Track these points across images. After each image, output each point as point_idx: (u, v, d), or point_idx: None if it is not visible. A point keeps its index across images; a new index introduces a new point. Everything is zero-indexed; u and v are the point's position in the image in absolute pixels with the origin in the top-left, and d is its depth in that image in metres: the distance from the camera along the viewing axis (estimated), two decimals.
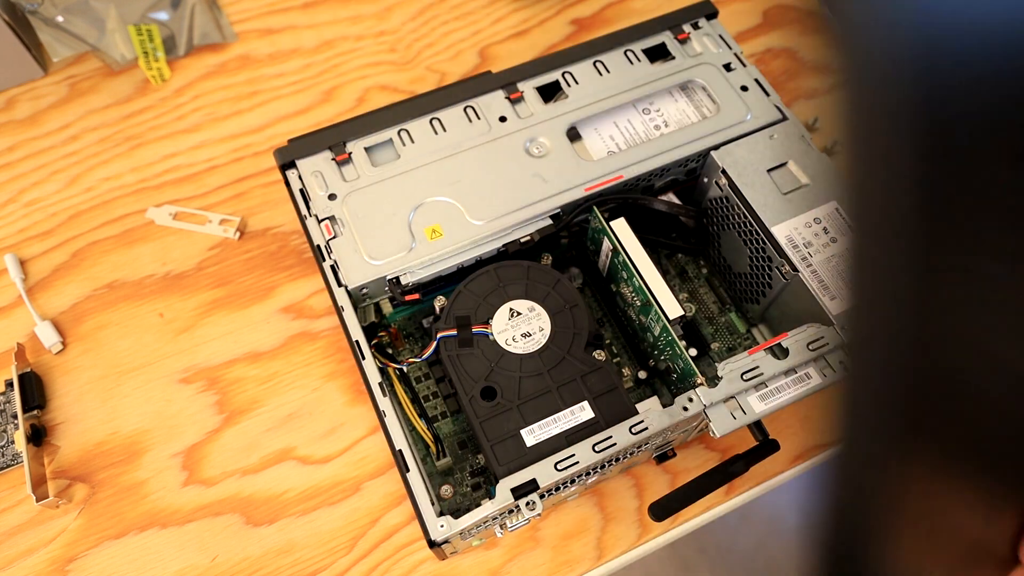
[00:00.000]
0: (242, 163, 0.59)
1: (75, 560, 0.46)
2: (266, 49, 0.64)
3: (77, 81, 0.62)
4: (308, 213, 0.47)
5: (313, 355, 0.52)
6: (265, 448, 0.49)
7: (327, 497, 0.47)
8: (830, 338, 0.42)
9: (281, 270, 0.55)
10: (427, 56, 0.64)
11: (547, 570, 0.46)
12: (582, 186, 0.47)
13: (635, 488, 0.48)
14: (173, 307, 0.53)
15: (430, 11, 0.66)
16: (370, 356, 0.43)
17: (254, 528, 0.47)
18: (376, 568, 0.46)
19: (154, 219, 0.56)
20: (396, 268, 0.45)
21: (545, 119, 0.50)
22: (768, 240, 0.45)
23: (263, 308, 0.53)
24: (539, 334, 0.43)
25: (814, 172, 0.47)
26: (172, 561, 0.46)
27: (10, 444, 0.48)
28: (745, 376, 0.42)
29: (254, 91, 0.62)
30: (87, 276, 0.54)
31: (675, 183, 0.51)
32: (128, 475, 0.48)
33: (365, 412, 0.50)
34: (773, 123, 0.49)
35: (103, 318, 0.53)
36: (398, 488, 0.48)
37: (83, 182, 0.58)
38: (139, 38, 0.62)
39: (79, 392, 0.51)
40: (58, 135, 0.60)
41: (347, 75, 0.63)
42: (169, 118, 0.61)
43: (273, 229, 0.56)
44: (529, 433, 0.41)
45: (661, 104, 0.51)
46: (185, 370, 0.51)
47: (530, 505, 0.39)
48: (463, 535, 0.40)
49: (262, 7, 0.66)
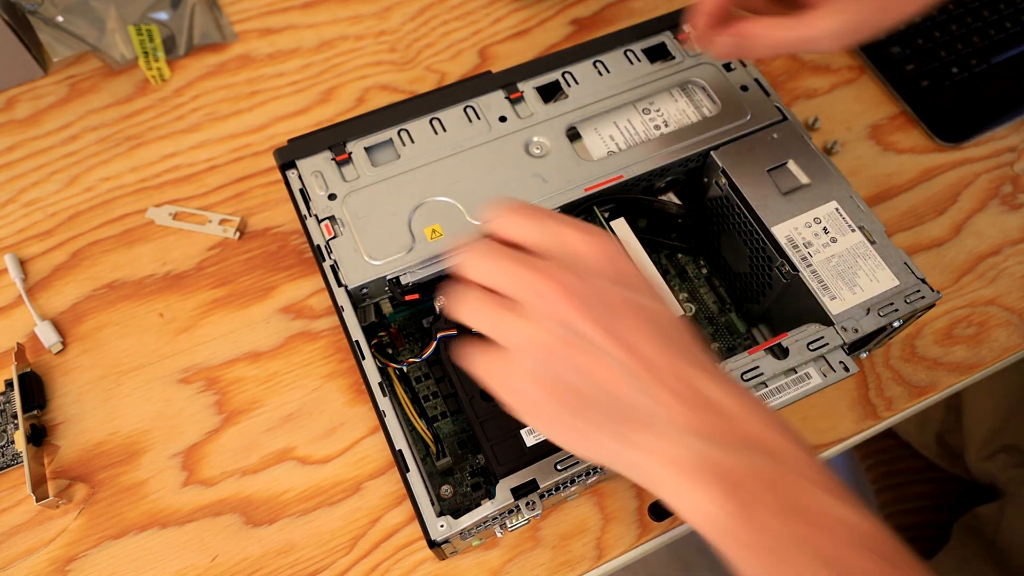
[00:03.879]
0: (242, 163, 0.59)
1: (75, 560, 0.46)
2: (266, 49, 0.64)
3: (77, 81, 0.62)
4: (308, 213, 0.47)
5: (313, 355, 0.52)
6: (265, 448, 0.49)
7: (327, 497, 0.47)
8: (830, 338, 0.42)
9: (281, 270, 0.55)
10: (427, 56, 0.64)
11: (547, 570, 0.46)
12: (582, 186, 0.47)
13: (635, 488, 0.48)
14: (173, 307, 0.53)
15: (430, 11, 0.66)
16: (370, 356, 0.43)
17: (254, 528, 0.47)
18: (376, 568, 0.46)
19: (154, 219, 0.56)
20: (396, 268, 0.45)
21: (545, 119, 0.50)
22: (768, 240, 0.45)
23: (263, 308, 0.53)
24: None
25: (814, 172, 0.47)
26: (172, 561, 0.46)
27: (10, 444, 0.48)
28: (745, 376, 0.42)
29: (254, 91, 0.62)
30: (87, 276, 0.54)
31: (675, 183, 0.51)
32: (128, 475, 0.48)
33: (365, 412, 0.50)
34: (773, 123, 0.49)
35: (103, 318, 0.53)
36: (398, 488, 0.48)
37: (83, 182, 0.58)
38: (139, 38, 0.62)
39: (79, 392, 0.51)
40: (58, 135, 0.60)
41: (347, 75, 0.63)
42: (169, 118, 0.61)
43: (273, 229, 0.56)
44: (529, 433, 0.41)
45: (661, 104, 0.51)
46: (185, 370, 0.51)
47: (530, 505, 0.39)
48: (463, 535, 0.40)
49: (262, 7, 0.66)
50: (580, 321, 0.32)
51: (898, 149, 0.60)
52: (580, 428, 0.32)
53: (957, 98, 0.61)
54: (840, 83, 0.63)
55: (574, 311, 0.32)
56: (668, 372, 0.32)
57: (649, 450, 0.31)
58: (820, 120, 0.60)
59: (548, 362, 0.32)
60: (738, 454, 0.30)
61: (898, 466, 0.85)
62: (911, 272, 0.44)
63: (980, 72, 0.61)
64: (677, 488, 0.30)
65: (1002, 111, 0.61)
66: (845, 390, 0.51)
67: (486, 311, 0.34)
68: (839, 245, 0.45)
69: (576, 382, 0.32)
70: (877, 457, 0.87)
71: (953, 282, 0.55)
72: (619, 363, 0.32)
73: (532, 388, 0.32)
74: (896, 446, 0.86)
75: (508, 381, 0.33)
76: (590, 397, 0.32)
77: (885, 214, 0.57)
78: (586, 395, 0.32)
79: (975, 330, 0.53)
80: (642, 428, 0.31)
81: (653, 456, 0.31)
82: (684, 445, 0.30)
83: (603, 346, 0.32)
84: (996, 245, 0.56)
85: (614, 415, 0.31)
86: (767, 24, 0.40)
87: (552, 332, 0.32)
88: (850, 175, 0.58)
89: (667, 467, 0.30)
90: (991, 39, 0.62)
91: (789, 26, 0.39)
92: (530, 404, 0.33)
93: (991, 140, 0.60)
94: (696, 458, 0.30)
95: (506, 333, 0.33)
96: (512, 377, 0.33)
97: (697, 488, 0.30)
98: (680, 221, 0.51)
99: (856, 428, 0.50)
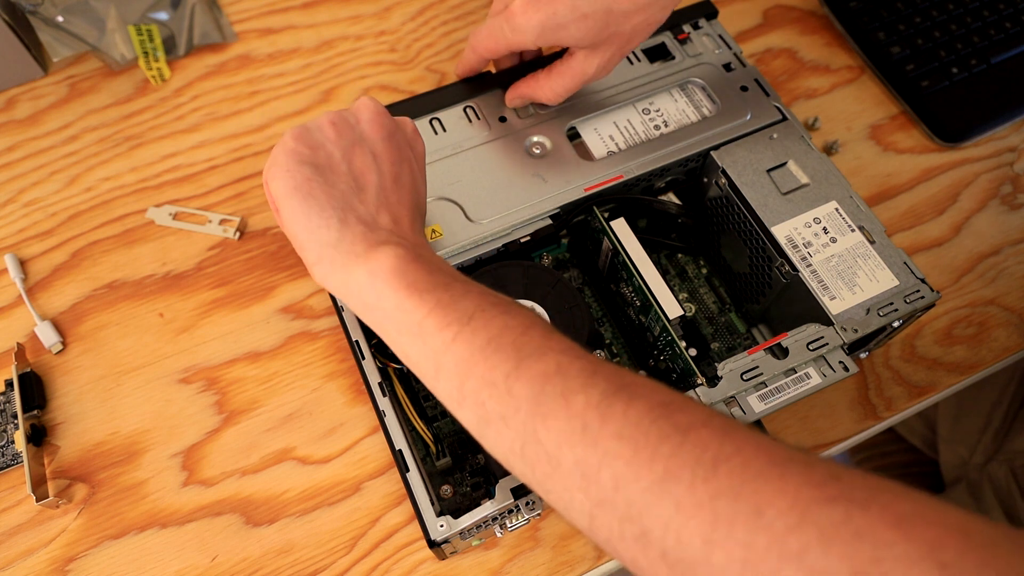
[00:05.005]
0: (242, 163, 0.59)
1: (75, 560, 0.46)
2: (266, 49, 0.64)
3: (77, 81, 0.62)
4: None
5: (313, 355, 0.52)
6: (265, 448, 0.49)
7: (327, 497, 0.47)
8: (830, 338, 0.42)
9: (281, 270, 0.55)
10: (427, 56, 0.64)
11: (547, 570, 0.46)
12: (582, 186, 0.47)
13: None
14: (173, 307, 0.53)
15: (430, 11, 0.66)
16: (370, 356, 0.43)
17: (254, 528, 0.47)
18: (376, 568, 0.46)
19: (154, 219, 0.56)
20: None
21: (545, 119, 0.50)
22: (768, 240, 0.45)
23: (263, 308, 0.53)
24: None
25: (814, 172, 0.47)
26: (172, 561, 0.46)
27: (10, 444, 0.48)
28: (745, 376, 0.42)
29: (254, 91, 0.62)
30: (87, 276, 0.54)
31: (675, 183, 0.51)
32: (128, 475, 0.48)
33: (365, 412, 0.50)
34: (773, 123, 0.49)
35: (103, 318, 0.53)
36: (398, 488, 0.48)
37: (83, 182, 0.58)
38: (139, 38, 0.62)
39: (79, 392, 0.51)
40: (58, 135, 0.60)
41: (347, 75, 0.63)
42: (169, 118, 0.61)
43: (273, 229, 0.56)
44: None
45: (661, 104, 0.51)
46: (185, 370, 0.51)
47: (530, 505, 0.39)
48: (463, 535, 0.40)
49: (262, 7, 0.66)
50: (369, 127, 0.40)
51: (898, 149, 0.60)
52: (317, 192, 0.37)
53: (957, 98, 0.61)
54: (840, 83, 0.63)
55: (370, 119, 0.40)
56: (396, 199, 0.40)
57: (355, 232, 0.37)
58: (820, 120, 0.60)
59: (326, 131, 0.39)
60: (409, 244, 0.38)
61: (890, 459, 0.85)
62: (911, 272, 0.44)
63: (980, 72, 0.61)
64: (366, 258, 0.36)
65: (1002, 111, 0.61)
66: (845, 390, 0.51)
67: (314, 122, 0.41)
68: (839, 245, 0.45)
69: (337, 156, 0.39)
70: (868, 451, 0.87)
71: (953, 282, 0.55)
72: (376, 167, 0.40)
73: (298, 145, 0.38)
74: (888, 440, 0.86)
75: (285, 139, 0.39)
76: (340, 171, 0.39)
77: (885, 214, 0.57)
78: (337, 168, 0.39)
79: (975, 330, 0.53)
80: (357, 218, 0.38)
81: (358, 238, 0.37)
82: (382, 238, 0.37)
83: (375, 150, 0.40)
84: (996, 245, 0.56)
85: (347, 194, 0.38)
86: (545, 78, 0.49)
87: (344, 119, 0.40)
88: (850, 175, 0.58)
89: (364, 243, 0.36)
90: (991, 39, 0.62)
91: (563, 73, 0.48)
92: (289, 155, 0.38)
93: (991, 140, 0.60)
94: (385, 237, 0.37)
95: (314, 119, 0.40)
96: (291, 135, 0.39)
97: (383, 254, 0.36)
98: (680, 221, 0.51)
99: (856, 428, 0.50)
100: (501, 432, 0.32)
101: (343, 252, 0.37)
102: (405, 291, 0.35)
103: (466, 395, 0.33)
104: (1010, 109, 0.61)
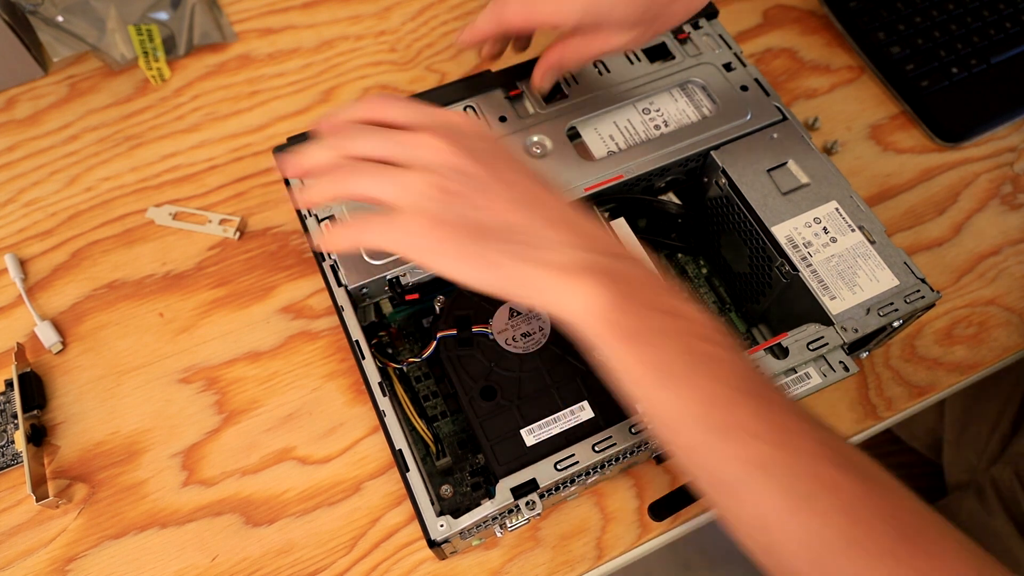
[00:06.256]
0: (242, 163, 0.59)
1: (75, 560, 0.46)
2: (266, 49, 0.64)
3: (77, 81, 0.62)
4: (308, 213, 0.47)
5: (313, 355, 0.52)
6: (265, 448, 0.49)
7: (327, 497, 0.47)
8: (830, 338, 0.42)
9: (281, 270, 0.55)
10: (427, 56, 0.64)
11: (547, 570, 0.46)
12: (582, 186, 0.47)
13: (635, 488, 0.48)
14: (173, 307, 0.53)
15: (430, 11, 0.66)
16: (370, 356, 0.43)
17: (254, 528, 0.47)
18: (376, 568, 0.46)
19: (154, 219, 0.56)
20: (396, 268, 0.45)
21: (545, 119, 0.50)
22: (768, 240, 0.45)
23: (263, 308, 0.53)
24: (539, 334, 0.43)
25: (814, 172, 0.47)
26: (172, 561, 0.46)
27: (10, 444, 0.48)
28: None
29: (254, 91, 0.62)
30: (87, 276, 0.54)
31: (675, 183, 0.51)
32: (128, 475, 0.48)
33: (365, 412, 0.50)
34: (773, 123, 0.49)
35: (103, 318, 0.53)
36: (398, 488, 0.48)
37: (83, 182, 0.58)
38: (139, 38, 0.62)
39: (79, 392, 0.51)
40: (58, 135, 0.60)
41: (347, 75, 0.63)
42: (169, 118, 0.61)
43: (273, 229, 0.56)
44: (529, 433, 0.41)
45: (661, 104, 0.51)
46: (185, 370, 0.51)
47: (530, 505, 0.39)
48: (463, 535, 0.40)
49: (262, 7, 0.66)
50: (468, 163, 0.36)
51: (898, 149, 0.60)
52: (481, 254, 0.35)
53: (957, 98, 0.60)
54: (840, 83, 0.63)
55: (461, 155, 0.36)
56: (547, 203, 0.37)
57: (540, 261, 0.35)
58: (820, 120, 0.60)
59: (446, 202, 0.35)
60: (611, 260, 0.35)
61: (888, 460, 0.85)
62: (911, 272, 0.44)
63: (980, 72, 0.61)
64: (563, 288, 0.34)
65: (1002, 111, 0.61)
66: (845, 390, 0.51)
67: (375, 173, 0.36)
68: (839, 245, 0.45)
69: (474, 215, 0.35)
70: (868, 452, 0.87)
71: (953, 282, 0.55)
72: (508, 196, 0.36)
73: (434, 231, 0.35)
74: (886, 440, 0.86)
75: (408, 233, 0.35)
76: (488, 226, 0.35)
77: (885, 214, 0.57)
78: (484, 224, 0.35)
79: (975, 330, 0.53)
80: (533, 246, 0.35)
81: (542, 265, 0.34)
82: (568, 255, 0.35)
83: (491, 183, 0.36)
84: (996, 245, 0.56)
85: (512, 239, 0.35)
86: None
87: (445, 175, 0.36)
88: (850, 175, 0.58)
89: (555, 272, 0.34)
90: (991, 39, 0.62)
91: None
92: (433, 246, 0.35)
93: (991, 140, 0.60)
94: (579, 261, 0.35)
95: (400, 186, 0.36)
96: (411, 228, 0.35)
97: (581, 283, 0.34)
98: (680, 221, 0.51)
99: (856, 428, 0.50)
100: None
101: (540, 279, 0.36)
102: (611, 335, 0.34)
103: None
104: (1010, 109, 0.61)
